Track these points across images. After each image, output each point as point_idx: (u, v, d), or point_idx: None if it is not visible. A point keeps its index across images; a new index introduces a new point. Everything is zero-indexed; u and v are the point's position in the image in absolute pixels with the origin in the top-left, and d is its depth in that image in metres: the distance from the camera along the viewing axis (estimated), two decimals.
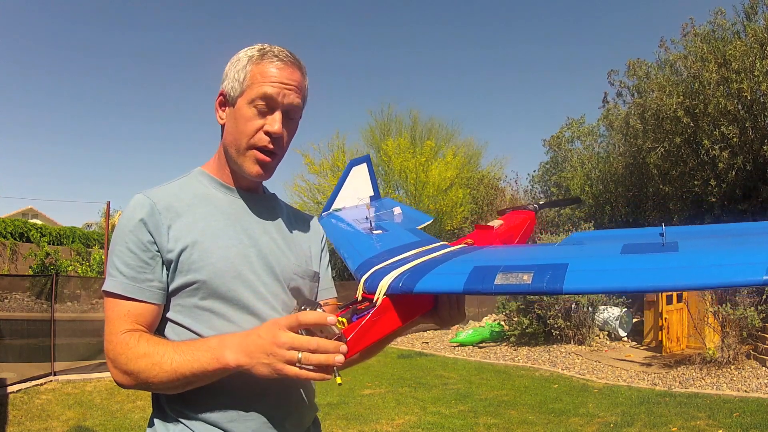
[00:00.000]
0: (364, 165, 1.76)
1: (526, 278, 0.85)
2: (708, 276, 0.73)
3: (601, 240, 1.08)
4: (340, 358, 0.90)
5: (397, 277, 0.99)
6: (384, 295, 0.98)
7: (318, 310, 0.92)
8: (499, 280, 0.87)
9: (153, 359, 0.98)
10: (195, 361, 0.96)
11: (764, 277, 0.70)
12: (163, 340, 1.04)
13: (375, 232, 1.37)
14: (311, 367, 0.90)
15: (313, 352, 0.90)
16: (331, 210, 1.71)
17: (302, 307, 0.93)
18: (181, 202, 1.10)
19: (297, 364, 0.90)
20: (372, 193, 1.76)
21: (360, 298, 1.03)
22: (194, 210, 1.09)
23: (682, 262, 0.79)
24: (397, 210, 1.60)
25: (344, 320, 0.96)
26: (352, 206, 1.71)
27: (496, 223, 1.46)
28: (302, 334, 0.92)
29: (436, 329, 11.95)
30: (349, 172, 1.75)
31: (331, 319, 0.90)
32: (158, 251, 1.05)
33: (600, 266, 0.83)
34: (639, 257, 0.84)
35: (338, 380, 0.92)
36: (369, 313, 0.96)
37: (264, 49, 1.11)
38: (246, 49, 1.13)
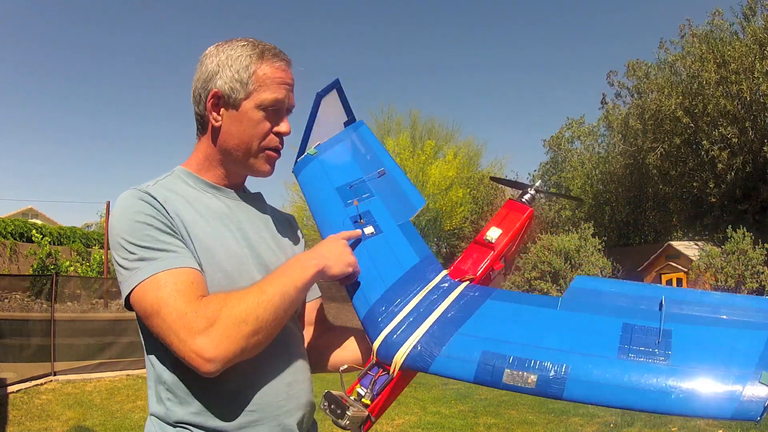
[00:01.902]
0: (334, 92, 1.52)
1: (531, 381, 0.91)
2: (686, 408, 0.84)
3: (601, 304, 1.04)
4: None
5: (410, 352, 1.02)
6: (399, 368, 1.03)
7: (350, 409, 0.98)
8: (507, 378, 0.92)
9: (253, 293, 0.95)
10: (291, 278, 1.00)
11: (730, 416, 0.82)
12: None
13: (366, 230, 1.26)
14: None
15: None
16: (306, 152, 1.48)
17: (331, 406, 0.99)
18: (177, 197, 1.07)
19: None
20: (346, 119, 1.55)
21: (374, 361, 1.06)
22: (190, 207, 1.07)
23: (668, 383, 0.86)
24: (381, 171, 1.41)
25: (368, 402, 1.02)
26: (329, 141, 1.51)
27: (494, 233, 1.31)
28: (332, 417, 0.99)
29: None
30: (318, 106, 1.50)
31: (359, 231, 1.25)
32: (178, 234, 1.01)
33: (596, 377, 0.89)
34: (633, 365, 0.89)
35: None
36: (387, 386, 1.04)
37: (258, 46, 1.09)
38: (233, 45, 1.09)
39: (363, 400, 1.01)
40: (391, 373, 1.02)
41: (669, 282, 8.78)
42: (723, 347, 0.90)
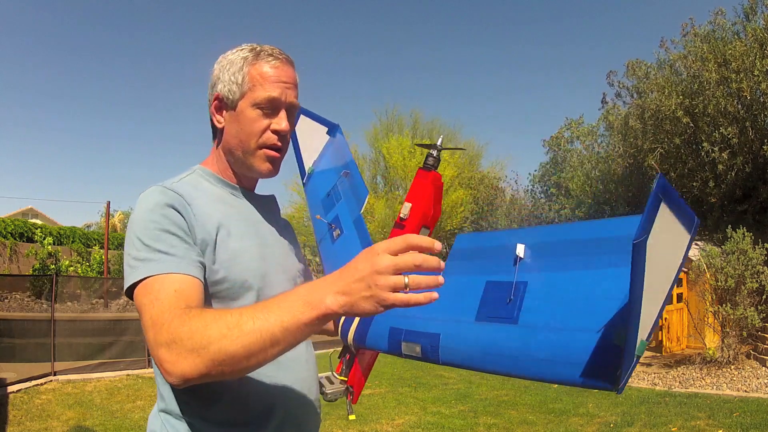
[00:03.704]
0: (301, 116, 1.64)
1: (418, 351, 1.04)
2: (533, 371, 0.84)
3: (471, 267, 1.06)
4: (441, 280, 0.79)
5: (354, 332, 1.21)
6: (354, 348, 1.24)
7: (330, 387, 1.22)
8: (404, 349, 1.07)
9: (227, 321, 0.82)
10: (285, 314, 0.80)
11: (579, 380, 0.77)
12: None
13: (335, 234, 1.39)
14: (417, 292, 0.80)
15: (421, 268, 0.77)
16: (306, 173, 1.60)
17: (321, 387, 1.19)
18: (204, 195, 1.07)
19: (404, 291, 0.78)
20: (327, 129, 1.63)
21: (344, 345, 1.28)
22: (214, 208, 1.07)
23: (517, 348, 0.88)
24: (345, 172, 1.51)
25: (344, 378, 1.29)
26: (319, 155, 1.61)
27: (406, 209, 1.36)
28: (335, 381, 1.21)
29: None
30: (295, 135, 1.63)
31: (438, 244, 0.79)
32: (192, 233, 0.99)
33: (459, 344, 0.97)
34: (487, 329, 0.94)
35: (352, 417, 1.16)
36: (353, 362, 1.27)
37: (255, 48, 1.11)
38: (235, 50, 1.12)
39: (340, 377, 1.27)
40: (352, 349, 1.25)
41: None
42: (577, 297, 0.85)
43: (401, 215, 1.35)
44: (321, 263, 1.45)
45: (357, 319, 1.21)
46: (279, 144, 1.11)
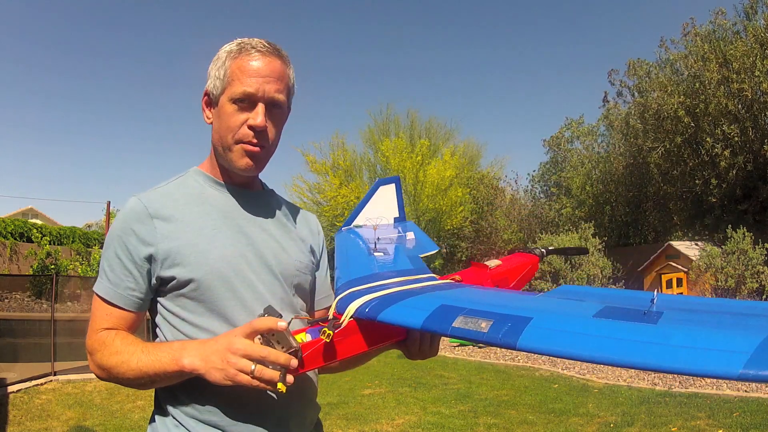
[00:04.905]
0: (393, 185, 1.73)
1: (484, 326, 0.81)
2: (677, 359, 0.65)
3: (585, 297, 0.97)
4: (290, 379, 0.91)
5: (366, 302, 0.99)
6: (350, 318, 0.98)
7: (280, 320, 0.91)
8: (458, 323, 0.83)
9: (122, 357, 1.03)
10: (157, 362, 1.00)
11: (740, 371, 0.62)
12: (137, 340, 1.06)
13: (376, 254, 1.35)
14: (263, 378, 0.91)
15: (267, 362, 0.90)
16: (351, 226, 1.67)
17: (264, 315, 0.93)
18: (176, 202, 1.10)
19: (249, 375, 0.91)
20: (397, 215, 1.72)
21: (331, 317, 1.01)
22: (189, 210, 1.09)
23: (655, 337, 0.69)
24: (410, 235, 1.57)
25: (303, 336, 0.96)
26: (372, 225, 1.67)
27: (493, 262, 1.40)
28: (261, 343, 0.92)
29: None
30: (375, 190, 1.72)
31: (282, 324, 0.90)
32: (146, 258, 1.05)
33: (563, 327, 0.76)
34: (611, 323, 0.75)
35: (280, 386, 0.90)
36: (324, 331, 0.94)
37: (242, 42, 1.10)
38: (226, 45, 1.12)
39: (297, 338, 0.95)
40: (341, 321, 0.97)
41: (669, 282, 8.79)
42: (723, 323, 0.79)
43: (488, 264, 1.38)
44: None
45: (378, 294, 1.02)
46: (255, 140, 1.08)
